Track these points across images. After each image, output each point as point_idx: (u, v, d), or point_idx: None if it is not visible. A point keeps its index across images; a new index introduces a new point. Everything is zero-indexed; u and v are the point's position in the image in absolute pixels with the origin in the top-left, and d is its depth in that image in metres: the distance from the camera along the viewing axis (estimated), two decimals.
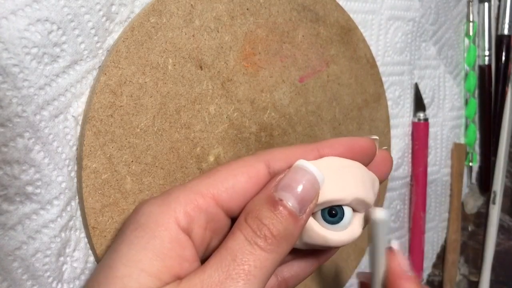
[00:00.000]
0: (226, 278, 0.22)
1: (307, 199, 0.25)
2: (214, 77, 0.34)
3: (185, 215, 0.24)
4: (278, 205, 0.24)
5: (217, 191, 0.25)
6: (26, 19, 0.25)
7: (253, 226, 0.24)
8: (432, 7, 0.51)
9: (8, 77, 0.25)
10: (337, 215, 0.27)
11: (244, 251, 0.23)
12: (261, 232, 0.24)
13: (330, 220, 0.27)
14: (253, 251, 0.23)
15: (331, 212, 0.27)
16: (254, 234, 0.24)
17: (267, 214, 0.24)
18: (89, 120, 0.29)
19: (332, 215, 0.27)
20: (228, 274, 0.22)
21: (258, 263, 0.23)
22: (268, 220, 0.24)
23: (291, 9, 0.38)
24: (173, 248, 0.24)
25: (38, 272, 0.28)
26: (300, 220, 0.25)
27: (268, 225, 0.24)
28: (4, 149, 0.26)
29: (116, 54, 0.29)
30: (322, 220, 0.27)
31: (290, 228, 0.24)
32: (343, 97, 0.42)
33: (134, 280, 0.22)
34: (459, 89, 0.57)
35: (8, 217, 0.27)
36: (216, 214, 0.25)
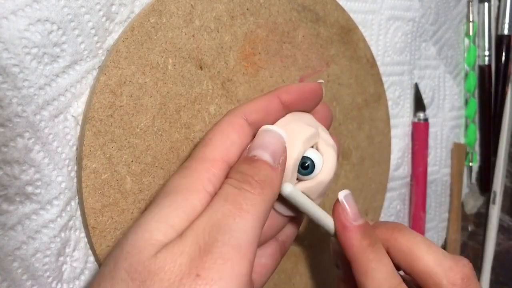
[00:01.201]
0: (222, 217, 0.24)
1: (276, 150, 0.28)
2: (214, 77, 0.34)
3: (208, 181, 0.26)
4: (253, 159, 0.27)
5: (222, 153, 0.28)
6: (26, 19, 0.25)
7: (237, 177, 0.26)
8: (432, 7, 0.51)
9: (8, 77, 0.25)
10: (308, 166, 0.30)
11: (234, 193, 0.26)
12: (245, 179, 0.26)
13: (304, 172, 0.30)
14: (241, 193, 0.26)
15: (304, 165, 0.30)
16: (239, 182, 0.26)
17: (247, 167, 0.27)
18: (89, 120, 0.29)
19: (305, 167, 0.30)
20: (223, 213, 0.25)
21: (248, 201, 0.25)
22: (249, 170, 0.27)
23: (291, 9, 0.38)
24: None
25: (38, 272, 0.28)
26: (276, 168, 0.27)
27: (249, 174, 0.26)
28: (4, 149, 0.26)
29: (116, 54, 0.29)
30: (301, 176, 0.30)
31: (270, 174, 0.27)
32: (343, 97, 0.42)
33: (162, 233, 0.24)
34: (459, 89, 0.57)
35: (8, 217, 0.27)
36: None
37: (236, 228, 0.24)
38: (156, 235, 0.24)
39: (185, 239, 0.24)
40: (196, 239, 0.24)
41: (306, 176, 0.30)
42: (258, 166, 0.27)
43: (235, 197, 0.25)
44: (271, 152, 0.28)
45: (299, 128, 0.30)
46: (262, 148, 0.28)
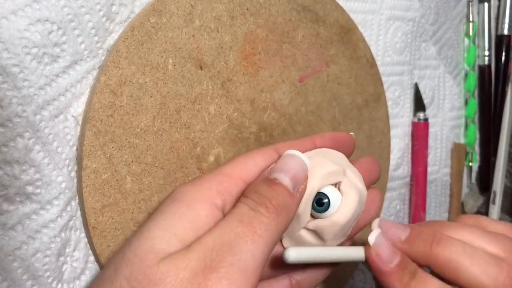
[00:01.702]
0: (235, 238, 0.24)
1: (298, 177, 0.27)
2: (214, 77, 0.34)
3: (218, 193, 0.26)
4: (274, 182, 0.27)
5: (242, 171, 0.28)
6: (26, 19, 0.25)
7: (254, 198, 0.26)
8: (432, 7, 0.51)
9: (8, 77, 0.25)
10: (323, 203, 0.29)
11: (249, 215, 0.25)
12: (262, 201, 0.26)
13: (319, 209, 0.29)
14: (256, 216, 0.25)
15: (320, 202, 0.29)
16: (256, 204, 0.25)
17: (265, 188, 0.26)
18: (89, 120, 0.29)
19: (320, 204, 0.29)
20: (237, 234, 0.24)
21: (262, 226, 0.25)
22: (267, 193, 0.26)
23: (291, 9, 0.38)
24: (207, 223, 0.25)
25: (38, 272, 0.28)
26: (294, 196, 0.27)
27: (267, 196, 0.26)
28: (4, 149, 0.26)
29: (116, 54, 0.29)
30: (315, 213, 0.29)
31: (287, 201, 0.26)
32: (343, 97, 0.42)
33: (165, 242, 0.24)
34: (459, 89, 0.57)
35: (8, 217, 0.27)
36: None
37: (246, 250, 0.24)
38: (159, 244, 0.23)
39: (191, 253, 0.23)
40: (203, 255, 0.23)
41: (320, 213, 0.29)
42: (277, 190, 0.26)
43: (250, 220, 0.25)
44: (292, 177, 0.27)
45: (321, 163, 0.29)
46: (283, 172, 0.27)
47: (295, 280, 0.31)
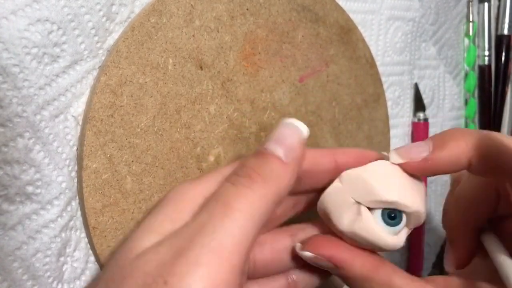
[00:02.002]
0: (209, 218, 0.22)
1: (291, 145, 0.25)
2: (214, 77, 0.34)
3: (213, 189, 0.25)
4: (262, 152, 0.25)
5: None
6: (26, 19, 0.25)
7: (237, 172, 0.24)
8: (432, 7, 0.51)
9: (8, 77, 0.25)
10: (396, 219, 0.27)
11: (228, 192, 0.23)
12: (245, 173, 0.24)
13: (388, 221, 0.27)
14: (236, 190, 0.23)
15: (391, 215, 0.27)
16: (238, 176, 0.24)
17: (252, 160, 0.24)
18: (90, 120, 0.29)
19: (391, 217, 0.27)
20: (211, 214, 0.22)
21: (243, 199, 0.23)
22: (253, 163, 0.24)
23: (291, 9, 0.38)
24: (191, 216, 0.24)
25: (39, 272, 0.28)
26: (286, 163, 0.24)
27: (252, 166, 0.24)
28: (4, 149, 0.26)
29: (117, 54, 0.29)
30: (380, 219, 0.27)
31: (276, 169, 0.24)
32: (343, 97, 0.42)
33: (139, 239, 0.23)
34: (459, 89, 0.57)
35: (8, 217, 0.27)
36: None
37: (220, 229, 0.21)
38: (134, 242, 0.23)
39: (162, 244, 0.22)
40: (174, 243, 0.21)
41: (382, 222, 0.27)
42: (265, 159, 0.24)
43: (228, 195, 0.23)
44: (285, 146, 0.25)
45: (421, 196, 0.28)
46: (275, 142, 0.25)
47: (292, 279, 0.30)
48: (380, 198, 0.27)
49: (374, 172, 0.28)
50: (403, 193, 0.27)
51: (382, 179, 0.27)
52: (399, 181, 0.27)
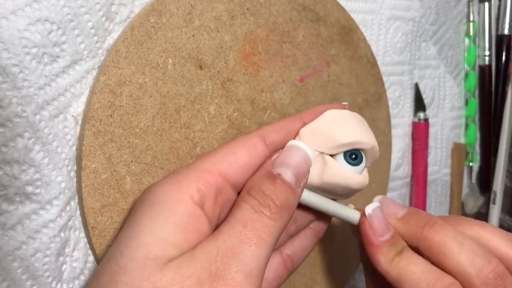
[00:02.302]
0: (239, 243, 0.24)
1: (301, 173, 0.27)
2: (214, 77, 0.34)
3: (197, 190, 0.26)
4: (277, 178, 0.26)
5: (222, 166, 0.27)
6: (26, 19, 0.25)
7: (257, 198, 0.26)
8: (432, 7, 0.51)
9: (8, 77, 0.25)
10: (357, 158, 0.30)
11: (253, 218, 0.25)
12: (265, 202, 0.25)
13: (351, 162, 0.30)
14: (260, 218, 0.25)
15: (352, 156, 0.30)
16: (260, 204, 0.25)
17: (269, 187, 0.26)
18: (89, 120, 0.29)
19: (353, 158, 0.30)
20: (241, 239, 0.24)
21: (267, 229, 0.25)
22: (270, 191, 0.26)
23: (292, 9, 0.38)
24: (191, 222, 0.25)
25: (38, 272, 0.28)
26: (297, 192, 0.27)
27: (271, 196, 0.26)
28: (4, 149, 0.26)
29: (116, 54, 0.29)
30: (344, 162, 0.30)
31: (290, 199, 0.26)
32: (344, 97, 0.42)
33: (158, 248, 0.23)
34: (459, 89, 0.57)
35: (8, 217, 0.27)
36: (224, 188, 0.27)
37: (251, 255, 0.24)
38: (154, 250, 0.23)
39: (196, 261, 0.23)
40: (208, 263, 0.23)
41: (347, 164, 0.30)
42: (281, 188, 0.26)
43: (254, 223, 0.25)
44: (296, 173, 0.27)
45: (362, 124, 0.31)
46: (286, 167, 0.27)
47: (286, 254, 0.32)
48: (339, 142, 0.29)
49: (328, 121, 0.30)
50: (358, 133, 0.30)
51: (336, 125, 0.30)
52: (351, 123, 0.30)
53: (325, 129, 0.30)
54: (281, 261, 0.32)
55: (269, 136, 0.29)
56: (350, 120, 0.30)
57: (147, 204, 0.26)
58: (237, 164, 0.27)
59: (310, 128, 0.30)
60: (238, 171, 0.27)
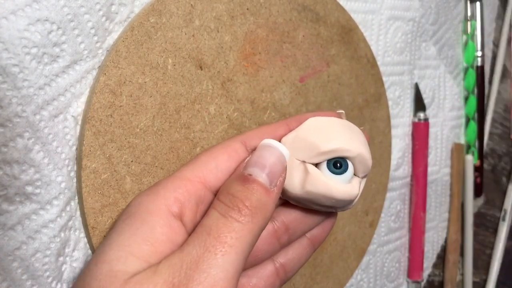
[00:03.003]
0: (203, 252, 0.23)
1: (275, 171, 0.26)
2: (214, 77, 0.34)
3: (175, 200, 0.25)
4: (248, 179, 0.25)
5: (202, 173, 0.26)
6: (26, 19, 0.25)
7: (225, 201, 0.24)
8: (432, 7, 0.51)
9: (8, 77, 0.25)
10: (342, 167, 0.28)
11: (219, 224, 0.24)
12: (234, 204, 0.24)
13: (335, 171, 0.28)
14: (227, 223, 0.24)
15: (336, 164, 0.28)
16: (228, 208, 0.24)
17: (238, 188, 0.25)
18: (89, 120, 0.29)
19: (337, 166, 0.28)
20: (205, 248, 0.23)
21: (234, 234, 0.23)
22: (240, 193, 0.24)
23: (292, 9, 0.38)
24: (164, 233, 0.24)
25: (38, 272, 0.28)
26: (271, 192, 0.25)
27: (240, 197, 0.24)
28: (4, 149, 0.26)
29: (116, 54, 0.29)
30: (327, 171, 0.28)
31: (263, 199, 0.25)
32: (344, 97, 0.42)
33: (121, 263, 0.23)
34: (459, 89, 0.57)
35: (7, 217, 0.27)
36: (205, 196, 0.26)
37: (215, 265, 0.22)
38: (116, 265, 0.22)
39: (159, 275, 0.22)
40: (171, 276, 0.22)
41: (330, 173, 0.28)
42: (252, 188, 0.25)
43: (220, 229, 0.23)
44: (269, 172, 0.25)
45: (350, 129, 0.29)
46: (259, 166, 0.25)
47: (279, 263, 0.30)
48: (320, 150, 0.28)
49: (309, 129, 0.29)
50: (341, 139, 0.28)
51: (318, 133, 0.28)
52: (334, 130, 0.29)
53: (306, 137, 0.28)
54: (273, 270, 0.30)
55: (250, 142, 0.28)
56: (333, 127, 0.29)
57: (122, 218, 0.25)
58: (217, 170, 0.26)
59: (292, 136, 0.29)
60: (219, 178, 0.26)
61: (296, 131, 0.29)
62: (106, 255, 0.23)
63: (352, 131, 0.29)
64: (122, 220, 0.25)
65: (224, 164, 0.27)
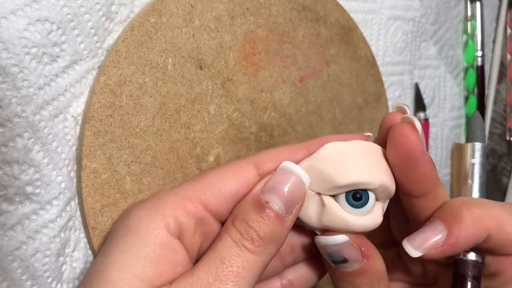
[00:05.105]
0: (215, 280, 0.23)
1: (293, 200, 0.25)
2: (214, 77, 0.34)
3: (174, 220, 0.24)
4: (264, 207, 0.24)
5: (204, 195, 0.25)
6: (25, 19, 0.25)
7: (240, 229, 0.24)
8: (432, 7, 0.51)
9: (7, 77, 0.25)
10: (362, 199, 0.26)
11: (232, 253, 0.23)
12: (248, 234, 0.24)
13: (354, 204, 0.26)
14: (241, 253, 0.24)
15: (356, 196, 0.26)
16: (242, 237, 0.24)
17: (254, 217, 0.24)
18: (89, 120, 0.29)
19: (356, 198, 0.26)
20: (217, 276, 0.23)
21: (247, 265, 0.23)
22: (255, 223, 0.24)
23: (291, 9, 0.38)
24: (165, 254, 0.24)
25: (38, 272, 0.28)
26: (286, 221, 0.25)
27: (255, 228, 0.24)
28: (4, 149, 0.26)
29: (116, 54, 0.29)
30: (346, 203, 0.26)
31: (277, 230, 0.24)
32: (344, 97, 0.42)
33: (126, 285, 0.22)
34: (460, 89, 0.57)
35: (7, 218, 0.27)
36: (205, 218, 0.26)
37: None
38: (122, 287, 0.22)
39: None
40: None
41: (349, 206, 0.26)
42: (267, 219, 0.24)
43: (233, 258, 0.23)
44: (286, 201, 0.24)
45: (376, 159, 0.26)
46: (276, 194, 0.24)
47: (287, 280, 0.30)
48: (336, 184, 0.25)
49: (325, 158, 0.26)
50: (359, 172, 0.25)
51: (334, 163, 0.26)
52: (352, 161, 0.26)
53: (322, 167, 0.26)
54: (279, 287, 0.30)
55: (264, 165, 0.26)
56: (352, 156, 0.26)
57: (121, 232, 0.25)
58: (221, 194, 0.25)
59: (305, 164, 0.27)
60: (221, 202, 0.25)
61: (310, 159, 0.27)
62: (110, 275, 0.23)
63: (373, 157, 0.27)
64: (121, 235, 0.24)
65: (229, 188, 0.26)
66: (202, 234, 0.26)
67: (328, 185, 0.26)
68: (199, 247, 0.26)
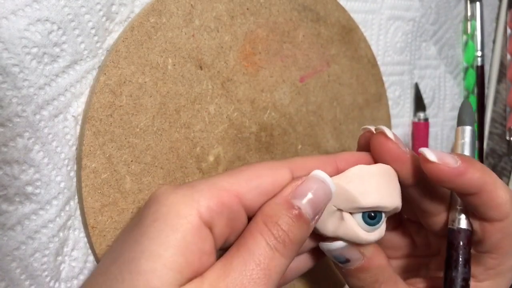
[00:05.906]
0: (249, 281, 0.24)
1: (319, 208, 0.26)
2: (214, 77, 0.34)
3: (208, 209, 0.24)
4: (297, 212, 0.26)
5: (242, 189, 0.26)
6: (26, 19, 0.25)
7: (273, 231, 0.25)
8: (432, 7, 0.51)
9: (8, 77, 0.25)
10: (376, 218, 0.29)
11: (267, 256, 0.25)
12: (281, 238, 0.25)
13: (369, 222, 0.28)
14: (274, 256, 0.25)
15: (371, 215, 0.28)
16: (276, 240, 0.25)
17: (287, 221, 0.25)
18: (89, 120, 0.29)
19: (372, 217, 0.28)
20: (251, 278, 0.24)
21: (278, 268, 0.25)
22: (288, 226, 0.25)
23: (292, 8, 0.38)
24: (195, 242, 0.24)
25: (36, 271, 0.28)
26: (311, 226, 0.26)
27: (287, 232, 0.25)
28: (4, 149, 0.26)
29: (116, 54, 0.29)
30: (361, 221, 0.28)
31: (305, 236, 0.26)
32: (344, 97, 0.42)
33: (157, 277, 0.23)
34: (460, 89, 0.57)
35: (7, 218, 0.27)
36: (238, 211, 0.26)
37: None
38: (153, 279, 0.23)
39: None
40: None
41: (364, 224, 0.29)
42: (299, 224, 0.25)
43: (268, 262, 0.24)
44: (315, 207, 0.26)
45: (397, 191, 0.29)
46: (309, 202, 0.26)
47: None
48: (359, 205, 0.28)
49: (351, 180, 0.29)
50: (380, 195, 0.28)
51: (359, 185, 0.28)
52: (375, 184, 0.28)
53: (347, 188, 0.28)
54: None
55: (297, 173, 0.27)
56: (375, 180, 0.29)
57: (152, 217, 0.24)
58: (257, 190, 0.26)
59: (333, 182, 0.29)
60: (256, 198, 0.26)
61: (338, 178, 0.29)
62: (141, 265, 0.23)
63: (391, 181, 0.29)
64: (151, 221, 0.24)
65: (265, 186, 0.26)
66: (231, 226, 0.26)
67: (350, 204, 0.28)
68: (226, 239, 0.26)
